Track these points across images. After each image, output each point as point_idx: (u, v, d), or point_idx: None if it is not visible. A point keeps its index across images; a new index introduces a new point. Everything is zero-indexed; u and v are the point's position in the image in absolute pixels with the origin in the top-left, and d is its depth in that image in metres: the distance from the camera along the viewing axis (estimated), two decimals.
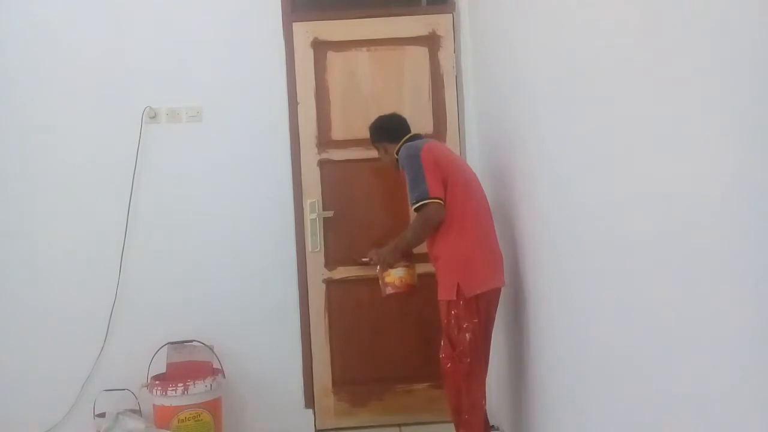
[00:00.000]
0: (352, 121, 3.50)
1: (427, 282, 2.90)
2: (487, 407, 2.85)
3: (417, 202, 2.58)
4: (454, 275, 2.57)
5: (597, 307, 1.77)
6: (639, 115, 1.44)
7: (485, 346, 2.62)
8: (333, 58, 3.51)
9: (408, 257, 2.75)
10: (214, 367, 3.28)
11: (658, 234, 1.38)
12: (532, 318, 2.49)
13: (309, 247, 3.49)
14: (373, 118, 3.27)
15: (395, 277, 2.69)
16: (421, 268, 2.89)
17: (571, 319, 2.01)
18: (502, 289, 2.74)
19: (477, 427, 2.62)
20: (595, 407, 1.83)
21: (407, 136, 2.87)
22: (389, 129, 2.93)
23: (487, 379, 2.70)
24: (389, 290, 2.73)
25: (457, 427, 2.67)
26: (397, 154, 2.83)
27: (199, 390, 3.09)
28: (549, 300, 2.25)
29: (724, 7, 1.11)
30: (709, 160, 1.17)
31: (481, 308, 2.56)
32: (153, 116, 3.43)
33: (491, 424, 2.96)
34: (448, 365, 2.60)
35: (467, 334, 2.54)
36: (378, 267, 2.77)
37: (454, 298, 2.55)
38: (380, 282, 2.78)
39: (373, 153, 3.45)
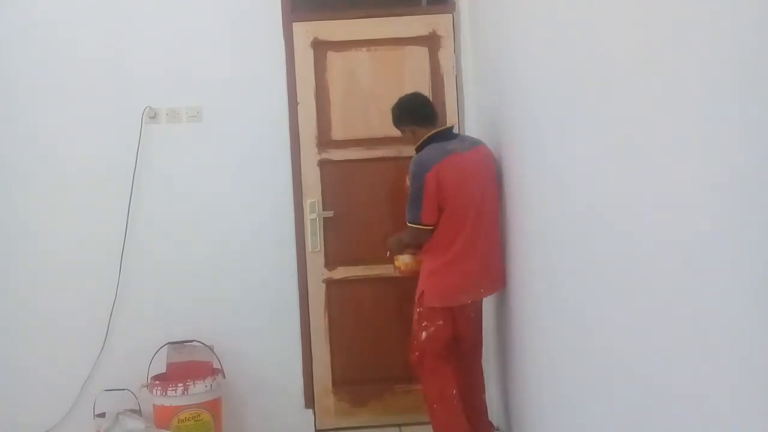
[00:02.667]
0: (352, 121, 3.50)
1: None
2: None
3: (410, 222, 2.74)
4: (423, 282, 2.77)
5: (594, 306, 1.77)
6: (639, 114, 1.44)
7: (445, 348, 2.75)
8: (333, 58, 3.51)
9: (420, 247, 2.86)
10: (214, 367, 3.28)
11: (656, 234, 1.38)
12: (526, 317, 2.49)
13: (309, 247, 3.49)
14: (373, 118, 3.27)
15: (402, 262, 2.93)
16: None
17: (567, 318, 2.01)
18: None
19: (448, 418, 2.72)
20: (593, 408, 1.82)
21: (436, 131, 2.79)
22: (412, 111, 2.86)
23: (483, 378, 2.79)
24: (396, 273, 2.99)
25: (428, 414, 2.82)
26: (419, 148, 2.79)
27: (199, 390, 3.09)
28: (545, 300, 2.25)
29: (725, 6, 1.11)
30: (709, 160, 1.17)
31: (446, 317, 2.73)
32: (153, 116, 3.43)
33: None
34: (411, 354, 2.83)
35: (423, 333, 2.75)
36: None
37: (418, 300, 2.78)
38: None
39: (373, 153, 3.48)
